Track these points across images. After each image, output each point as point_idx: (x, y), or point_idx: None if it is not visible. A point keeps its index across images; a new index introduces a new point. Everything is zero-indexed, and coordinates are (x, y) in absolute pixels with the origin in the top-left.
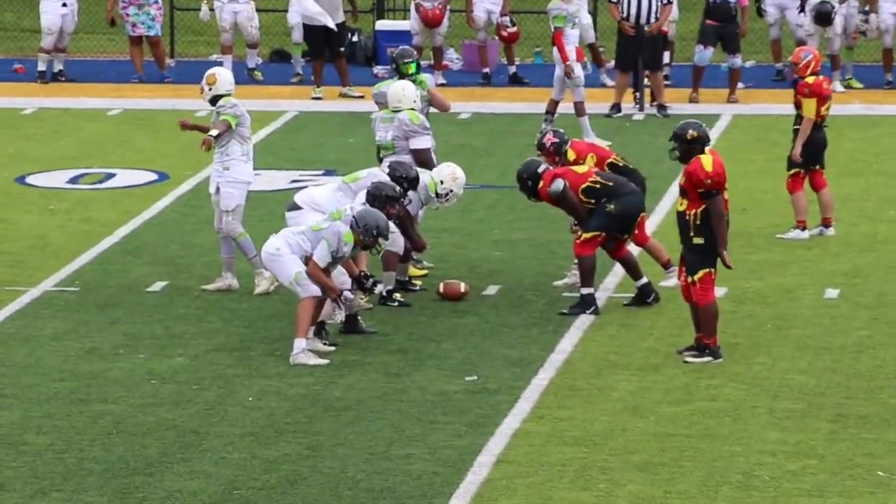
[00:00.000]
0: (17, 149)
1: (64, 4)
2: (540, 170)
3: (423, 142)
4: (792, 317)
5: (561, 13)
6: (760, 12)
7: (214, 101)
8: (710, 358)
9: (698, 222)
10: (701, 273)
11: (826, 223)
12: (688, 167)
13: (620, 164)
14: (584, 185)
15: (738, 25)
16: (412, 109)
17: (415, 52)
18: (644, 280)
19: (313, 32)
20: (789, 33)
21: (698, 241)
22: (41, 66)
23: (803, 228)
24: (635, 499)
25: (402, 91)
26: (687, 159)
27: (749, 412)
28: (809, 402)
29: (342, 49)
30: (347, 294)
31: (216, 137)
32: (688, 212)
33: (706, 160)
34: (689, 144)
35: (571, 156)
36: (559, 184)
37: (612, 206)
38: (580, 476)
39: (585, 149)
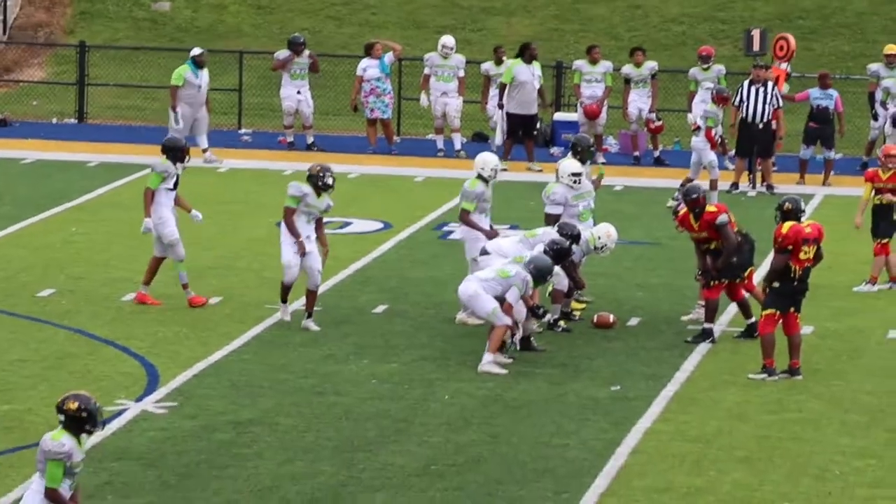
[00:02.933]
0: (279, 201)
1: (298, 92)
2: (692, 195)
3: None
4: (862, 350)
5: (714, 116)
6: (875, 117)
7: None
8: (765, 375)
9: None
10: (768, 311)
11: (893, 280)
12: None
13: (736, 230)
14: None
15: (833, 127)
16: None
17: (590, 140)
18: (753, 319)
19: (512, 120)
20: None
21: (775, 285)
22: (289, 139)
23: (873, 283)
24: (737, 485)
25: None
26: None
27: (826, 422)
28: (873, 416)
29: (534, 133)
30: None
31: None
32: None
33: (786, 226)
34: (783, 213)
35: (712, 209)
36: (725, 217)
37: (735, 259)
38: (695, 466)
39: (722, 207)
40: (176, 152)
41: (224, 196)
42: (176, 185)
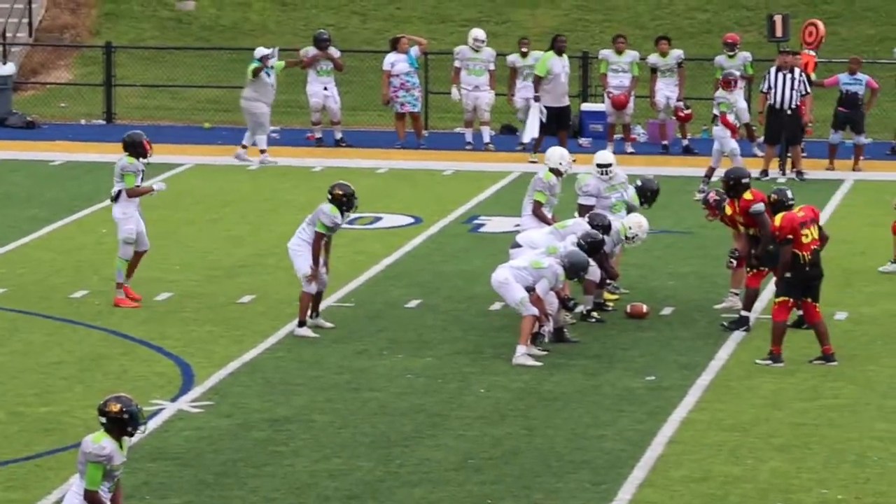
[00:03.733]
0: (309, 198)
1: (325, 88)
2: (744, 180)
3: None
4: None
5: (725, 101)
6: None
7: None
8: (770, 362)
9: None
10: (781, 299)
11: None
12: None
13: None
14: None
15: (863, 112)
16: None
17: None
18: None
19: (547, 112)
20: None
21: (787, 275)
22: (317, 135)
23: None
24: (775, 472)
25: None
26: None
27: (863, 408)
28: None
29: (568, 125)
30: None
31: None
32: None
33: (778, 217)
34: (771, 205)
35: (728, 211)
36: (762, 206)
37: (772, 247)
38: (732, 454)
39: (760, 195)
40: (137, 147)
41: (253, 194)
42: (141, 179)
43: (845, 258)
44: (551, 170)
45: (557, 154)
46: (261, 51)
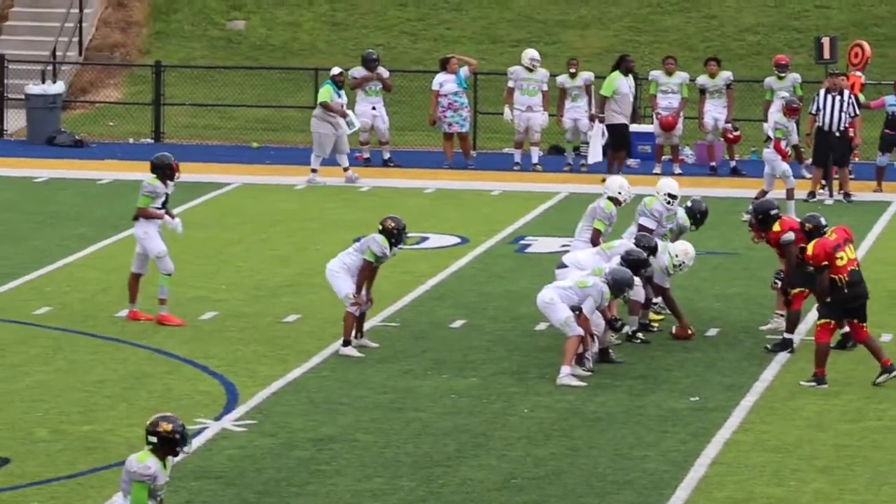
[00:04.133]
0: (356, 218)
1: (373, 108)
2: (773, 212)
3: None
4: None
5: (784, 128)
6: None
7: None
8: (814, 384)
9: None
10: (822, 321)
11: None
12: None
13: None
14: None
15: None
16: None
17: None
18: (846, 329)
19: (615, 130)
20: None
21: (828, 299)
22: (365, 155)
23: None
24: (818, 494)
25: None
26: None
27: None
28: None
29: (627, 146)
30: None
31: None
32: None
33: (811, 246)
34: (806, 233)
35: (777, 227)
36: (791, 235)
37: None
38: (775, 476)
39: (789, 224)
40: (165, 170)
41: (300, 213)
42: (165, 203)
43: (892, 280)
44: (610, 198)
45: (617, 183)
46: (334, 70)
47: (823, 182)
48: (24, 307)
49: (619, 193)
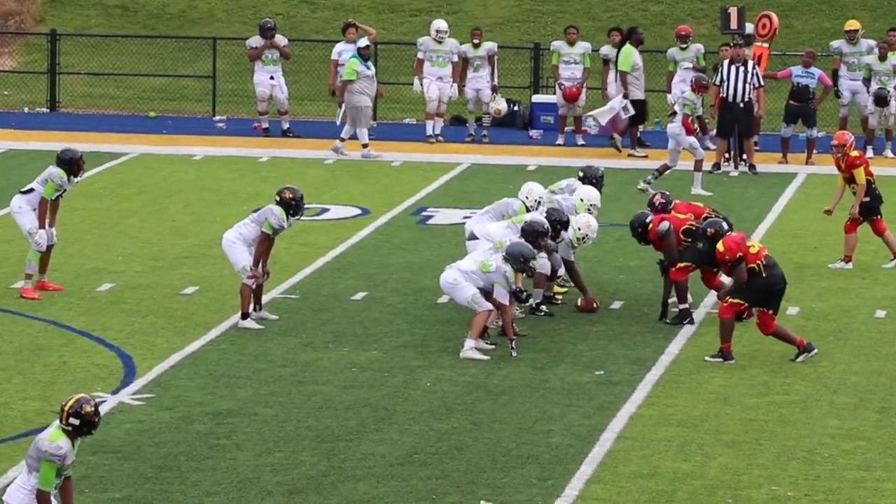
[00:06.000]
0: (255, 189)
1: (271, 77)
2: (647, 220)
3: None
4: (848, 330)
5: (692, 104)
6: (837, 94)
7: None
8: (720, 359)
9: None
10: (734, 300)
11: None
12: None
13: (713, 216)
14: (683, 227)
15: (813, 107)
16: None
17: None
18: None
19: (637, 105)
20: (855, 111)
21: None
22: (264, 125)
23: (847, 261)
24: (724, 469)
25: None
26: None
27: (814, 404)
28: (861, 396)
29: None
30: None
31: None
32: None
33: (721, 245)
34: (708, 238)
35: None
36: (665, 225)
37: (702, 245)
38: (681, 450)
39: (684, 208)
40: (71, 165)
41: (198, 184)
42: (60, 196)
43: (797, 252)
44: (525, 205)
45: (536, 192)
46: (362, 42)
47: (727, 154)
48: None
49: (527, 198)
